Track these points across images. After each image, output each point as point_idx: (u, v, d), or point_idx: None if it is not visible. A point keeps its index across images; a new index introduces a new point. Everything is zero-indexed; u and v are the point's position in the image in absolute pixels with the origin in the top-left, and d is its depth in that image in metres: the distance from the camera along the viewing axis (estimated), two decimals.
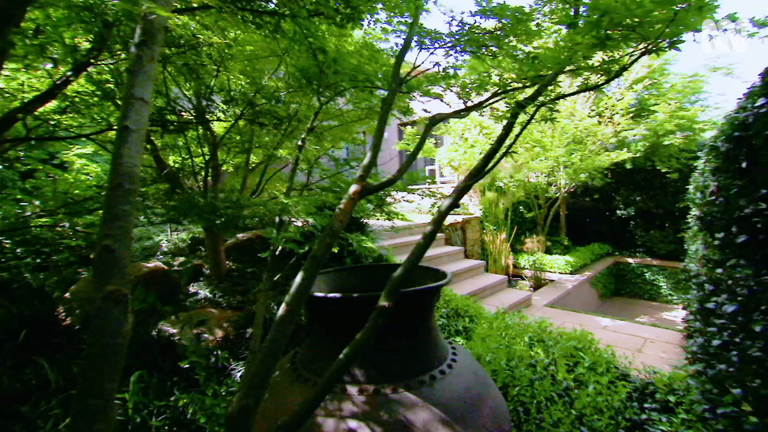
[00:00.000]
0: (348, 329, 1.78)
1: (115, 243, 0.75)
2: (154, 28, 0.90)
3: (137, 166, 0.79)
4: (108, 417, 0.69)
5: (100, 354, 0.71)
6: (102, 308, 0.71)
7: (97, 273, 0.75)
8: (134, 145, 0.80)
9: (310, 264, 1.20)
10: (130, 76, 0.85)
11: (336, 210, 1.30)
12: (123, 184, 0.78)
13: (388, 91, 1.66)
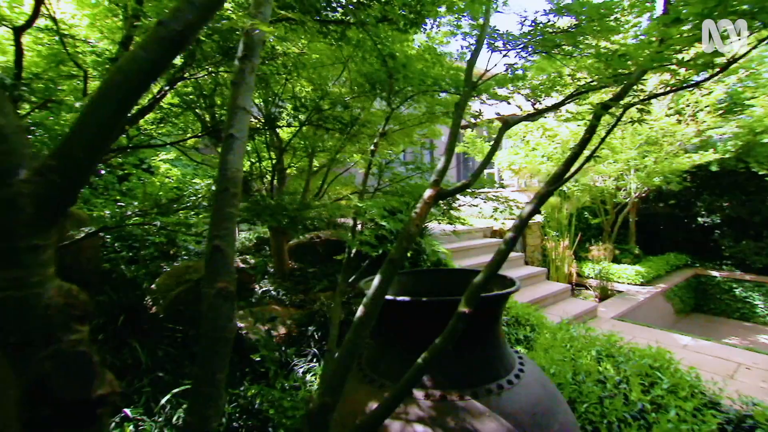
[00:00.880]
0: (415, 333, 1.79)
1: (223, 243, 0.82)
2: (254, 43, 0.97)
3: (240, 171, 0.86)
4: (218, 403, 0.76)
5: (212, 346, 0.78)
6: (213, 304, 0.78)
7: (207, 270, 0.83)
8: (238, 152, 0.88)
9: (387, 267, 1.23)
10: (234, 87, 0.93)
11: (412, 214, 1.32)
12: (229, 188, 0.85)
13: (461, 95, 1.64)
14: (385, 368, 1.84)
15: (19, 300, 0.55)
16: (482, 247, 6.51)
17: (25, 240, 0.55)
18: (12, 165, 0.53)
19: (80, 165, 0.60)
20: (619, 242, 8.43)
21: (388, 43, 2.14)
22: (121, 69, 0.61)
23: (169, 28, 0.63)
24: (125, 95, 0.61)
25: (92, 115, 0.59)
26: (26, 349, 0.55)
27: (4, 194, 0.52)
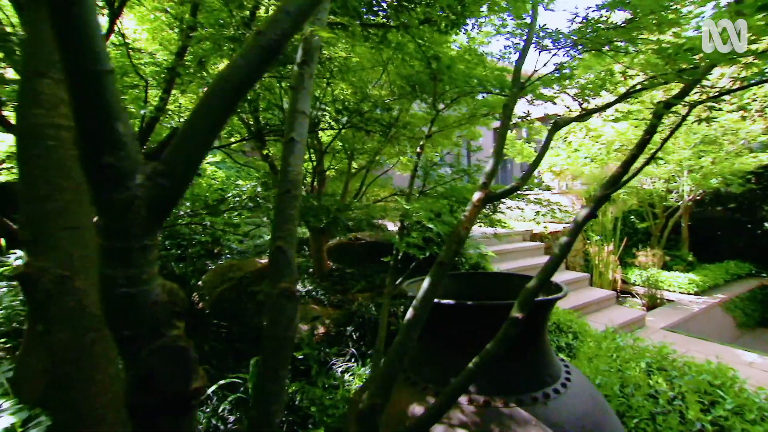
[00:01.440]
0: (461, 336, 1.77)
1: (286, 244, 0.85)
2: (313, 48, 1.01)
3: (301, 174, 0.90)
4: (281, 399, 0.79)
5: (275, 345, 0.81)
6: (277, 304, 0.81)
7: (271, 271, 0.86)
8: (299, 155, 0.91)
9: (436, 270, 1.22)
10: (294, 92, 0.97)
11: (461, 217, 1.31)
12: (291, 190, 0.89)
13: (509, 96, 1.61)
14: (429, 371, 1.83)
15: (132, 297, 0.60)
16: (521, 250, 6.33)
17: (138, 240, 0.60)
18: (130, 169, 0.58)
19: (186, 169, 0.64)
20: (669, 248, 7.92)
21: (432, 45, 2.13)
22: (223, 77, 0.65)
23: (267, 38, 0.66)
24: (227, 102, 0.65)
25: (197, 122, 0.63)
26: (135, 342, 0.60)
27: (123, 197, 0.57)
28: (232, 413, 2.64)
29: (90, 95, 0.54)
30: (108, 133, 0.56)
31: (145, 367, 0.58)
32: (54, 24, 0.51)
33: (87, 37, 0.53)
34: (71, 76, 0.53)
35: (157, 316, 0.60)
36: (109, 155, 0.56)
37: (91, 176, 0.57)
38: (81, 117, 0.55)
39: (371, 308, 3.38)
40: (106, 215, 0.58)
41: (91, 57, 0.53)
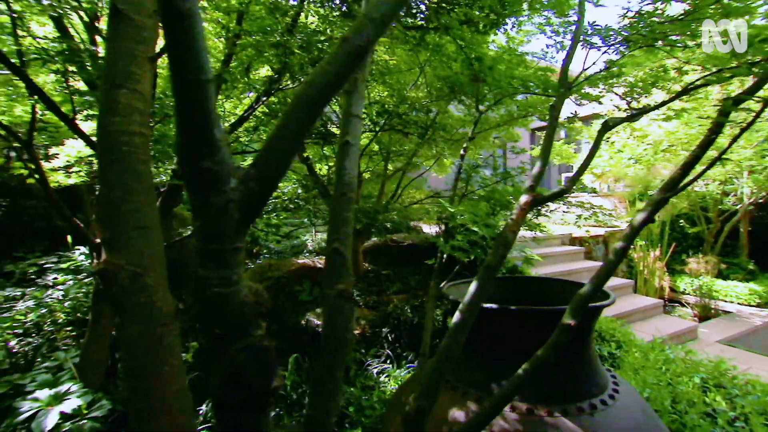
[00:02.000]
0: (504, 341, 1.74)
1: (342, 246, 0.87)
2: None
3: (356, 177, 0.91)
4: (337, 399, 0.80)
5: (333, 345, 0.83)
6: (334, 305, 0.83)
7: (327, 272, 0.89)
8: (353, 158, 0.93)
9: (483, 273, 1.21)
10: (348, 96, 0.99)
11: (508, 220, 1.28)
12: (346, 193, 0.91)
13: (556, 97, 1.56)
14: (469, 376, 1.81)
15: (224, 296, 0.63)
16: (560, 254, 6.12)
17: (231, 242, 0.64)
18: (225, 174, 0.62)
19: (275, 173, 0.67)
20: (725, 255, 7.38)
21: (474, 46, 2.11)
22: (310, 83, 0.68)
23: (353, 44, 0.69)
24: (314, 106, 0.68)
25: (286, 127, 0.67)
26: (225, 340, 0.63)
27: (219, 201, 0.61)
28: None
29: (194, 102, 0.58)
30: (207, 139, 0.59)
31: (234, 365, 0.61)
32: (167, 37, 0.55)
33: (195, 48, 0.57)
34: (179, 85, 0.57)
35: (245, 315, 0.63)
36: (207, 160, 0.59)
37: (190, 180, 0.61)
38: (185, 123, 0.59)
39: (407, 310, 3.38)
40: (203, 218, 0.62)
41: (197, 67, 0.57)
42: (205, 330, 0.64)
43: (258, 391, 0.63)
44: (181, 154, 0.61)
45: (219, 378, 0.62)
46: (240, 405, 0.64)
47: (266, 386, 0.64)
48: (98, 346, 2.64)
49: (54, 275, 3.86)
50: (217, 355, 0.63)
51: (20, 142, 2.16)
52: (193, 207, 0.62)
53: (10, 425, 1.98)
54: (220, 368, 0.62)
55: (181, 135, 0.60)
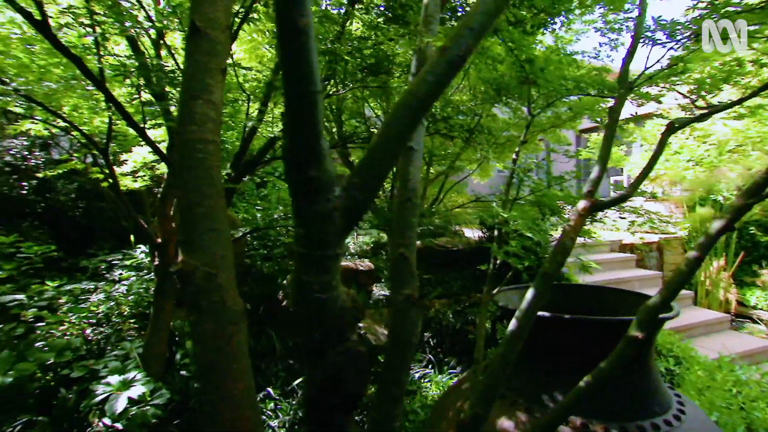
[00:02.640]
0: (556, 351, 1.68)
1: (407, 251, 0.89)
2: (426, 58, 1.04)
3: (419, 182, 0.92)
4: (402, 403, 0.81)
5: (398, 350, 0.84)
6: (400, 310, 0.84)
7: (393, 277, 0.90)
8: (417, 164, 0.94)
9: (541, 281, 1.17)
10: None
11: (566, 227, 1.24)
12: (411, 198, 0.92)
13: (614, 98, 1.49)
14: (519, 384, 1.76)
15: (324, 302, 0.67)
16: (609, 261, 5.80)
17: (333, 249, 0.67)
18: (330, 182, 0.65)
19: (376, 181, 0.70)
20: None
21: (524, 48, 2.05)
22: (411, 92, 0.70)
23: (452, 53, 0.71)
24: (414, 115, 0.70)
25: (386, 136, 0.69)
26: (323, 344, 0.66)
27: (324, 208, 0.64)
28: None
29: (305, 114, 0.61)
30: (315, 149, 0.63)
31: (332, 369, 0.64)
32: (282, 50, 0.59)
33: (309, 61, 0.60)
34: (293, 97, 0.61)
35: (344, 320, 0.66)
36: (314, 169, 0.63)
37: (296, 188, 0.64)
38: (295, 133, 0.63)
39: (448, 315, 3.34)
40: (307, 225, 0.65)
41: (310, 79, 0.60)
42: (305, 333, 0.66)
43: (353, 393, 0.65)
44: (288, 162, 0.64)
45: (318, 379, 0.65)
46: (335, 408, 0.66)
47: (361, 390, 0.65)
48: (158, 338, 2.83)
49: (119, 271, 4.19)
50: (316, 358, 0.66)
51: (98, 150, 2.36)
52: (297, 214, 0.65)
53: (88, 405, 2.19)
54: (319, 370, 0.65)
55: (291, 144, 0.63)
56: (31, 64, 2.12)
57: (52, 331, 2.78)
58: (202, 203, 0.91)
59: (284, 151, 0.64)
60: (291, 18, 0.56)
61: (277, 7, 0.58)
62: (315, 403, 0.65)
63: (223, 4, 1.01)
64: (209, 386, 0.83)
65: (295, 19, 0.56)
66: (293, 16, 0.56)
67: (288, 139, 0.61)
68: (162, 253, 2.81)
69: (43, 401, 2.37)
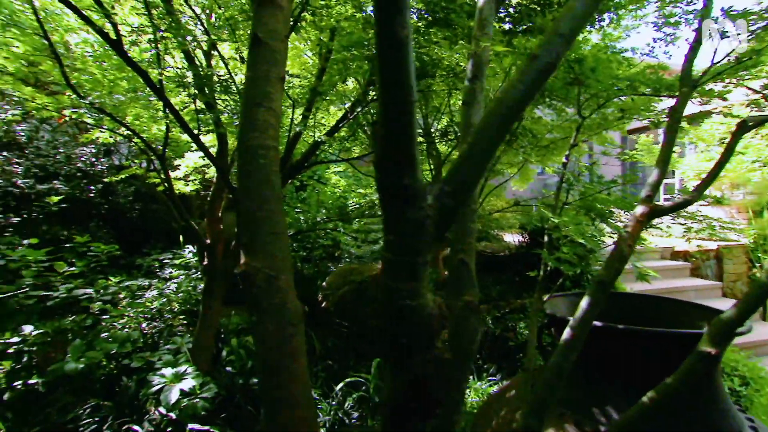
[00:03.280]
0: (606, 362, 1.60)
1: (467, 257, 0.88)
2: (482, 63, 1.03)
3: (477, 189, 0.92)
4: (461, 409, 0.81)
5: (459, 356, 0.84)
6: (461, 316, 0.84)
7: (452, 283, 0.90)
8: None
9: (596, 289, 1.13)
10: (466, 107, 1.00)
11: (623, 233, 1.19)
12: (470, 204, 0.91)
13: (677, 97, 1.41)
14: (566, 395, 1.69)
15: (413, 308, 0.68)
16: (660, 270, 5.45)
17: (423, 256, 0.68)
18: (422, 190, 0.67)
19: (467, 188, 0.71)
20: None
21: (577, 48, 1.98)
22: (500, 101, 0.71)
23: (542, 61, 0.71)
24: (504, 123, 0.71)
25: (477, 144, 0.70)
26: (410, 350, 0.68)
27: (416, 216, 0.66)
28: (355, 409, 2.80)
29: (402, 122, 0.63)
30: (409, 157, 0.64)
31: (418, 374, 0.65)
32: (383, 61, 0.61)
33: (408, 72, 0.61)
34: (389, 106, 0.62)
35: (431, 327, 0.67)
36: (408, 177, 0.64)
37: (389, 196, 0.66)
38: (390, 141, 0.64)
39: (488, 321, 3.26)
40: (399, 232, 0.67)
41: (408, 89, 0.62)
42: (391, 339, 0.68)
43: (437, 399, 0.66)
44: (381, 170, 0.66)
45: (403, 384, 0.66)
46: (413, 410, 0.67)
47: (444, 396, 0.66)
48: (206, 335, 2.97)
49: (170, 270, 4.44)
50: (402, 363, 0.67)
51: (156, 156, 2.52)
52: (388, 221, 0.67)
53: (145, 394, 2.34)
54: (405, 375, 0.66)
55: (385, 153, 0.65)
56: (103, 79, 2.30)
57: (114, 324, 2.99)
58: (263, 207, 0.95)
59: (377, 159, 0.65)
60: (393, 30, 0.57)
61: (378, 20, 0.59)
62: (396, 407, 0.66)
63: (282, 16, 1.06)
64: (269, 384, 0.87)
65: (396, 31, 0.57)
66: (395, 28, 0.57)
67: (382, 148, 0.63)
68: (211, 253, 2.95)
69: (108, 388, 2.56)
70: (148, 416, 2.39)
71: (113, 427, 2.32)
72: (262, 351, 0.89)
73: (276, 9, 1.03)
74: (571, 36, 0.67)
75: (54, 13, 2.33)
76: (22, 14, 2.04)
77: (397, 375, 0.66)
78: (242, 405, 2.73)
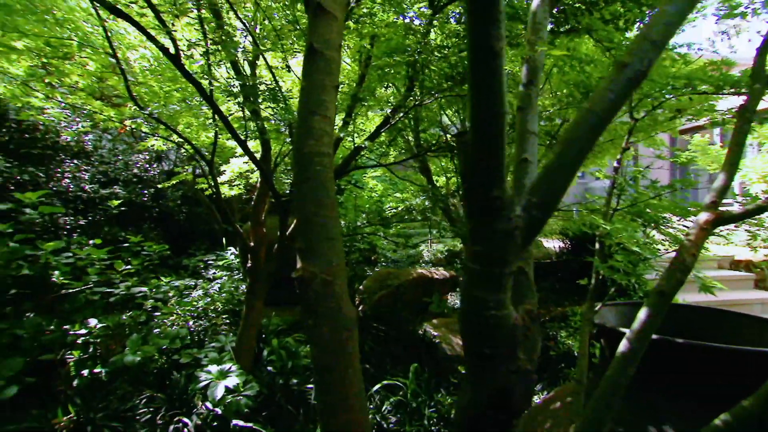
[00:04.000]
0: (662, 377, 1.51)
1: (527, 265, 0.87)
2: (537, 68, 1.01)
3: None
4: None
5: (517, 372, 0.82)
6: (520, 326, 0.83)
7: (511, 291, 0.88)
8: (532, 176, 0.92)
9: (656, 300, 1.07)
10: (521, 113, 0.99)
11: (685, 242, 1.12)
12: None
13: (748, 97, 1.32)
14: (620, 415, 1.61)
15: (498, 319, 0.69)
16: (719, 280, 5.07)
17: (510, 267, 0.69)
18: (510, 202, 0.68)
19: (554, 199, 0.71)
20: None
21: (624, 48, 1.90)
22: (589, 110, 0.71)
23: (634, 69, 0.70)
24: (594, 132, 0.70)
25: (565, 154, 0.70)
26: (493, 360, 0.68)
27: (505, 227, 0.67)
28: (392, 414, 2.79)
29: (493, 134, 0.64)
30: (499, 169, 0.65)
31: (502, 384, 0.65)
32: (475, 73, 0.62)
33: (500, 84, 0.62)
34: (481, 117, 0.63)
35: (516, 338, 0.67)
36: (497, 188, 0.65)
37: (476, 207, 0.67)
38: (481, 153, 0.65)
39: None
40: (486, 243, 0.67)
41: (500, 100, 0.63)
42: (474, 349, 0.68)
43: (518, 410, 0.65)
44: (470, 181, 0.67)
45: (484, 394, 0.66)
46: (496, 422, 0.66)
47: (526, 407, 0.65)
48: (249, 334, 3.07)
49: (213, 270, 4.64)
50: (485, 374, 0.67)
51: (205, 161, 2.66)
52: (474, 232, 0.67)
53: (193, 389, 2.47)
54: (487, 386, 0.66)
55: (474, 164, 0.65)
56: (159, 90, 2.46)
57: (164, 321, 3.16)
58: (319, 213, 0.98)
59: (465, 170, 0.66)
60: (488, 43, 0.57)
61: (473, 32, 0.60)
62: (475, 418, 0.65)
63: (337, 26, 1.09)
64: (325, 388, 0.88)
65: (492, 44, 0.57)
66: (491, 41, 0.58)
67: (472, 159, 0.63)
68: (254, 256, 3.06)
69: (160, 381, 2.71)
70: (196, 410, 2.51)
71: (165, 418, 2.46)
72: (318, 354, 0.91)
73: (331, 19, 1.06)
74: (663, 42, 0.65)
75: (118, 33, 2.53)
76: (92, 35, 2.23)
77: (477, 385, 0.65)
78: (283, 405, 2.79)
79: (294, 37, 2.67)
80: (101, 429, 2.22)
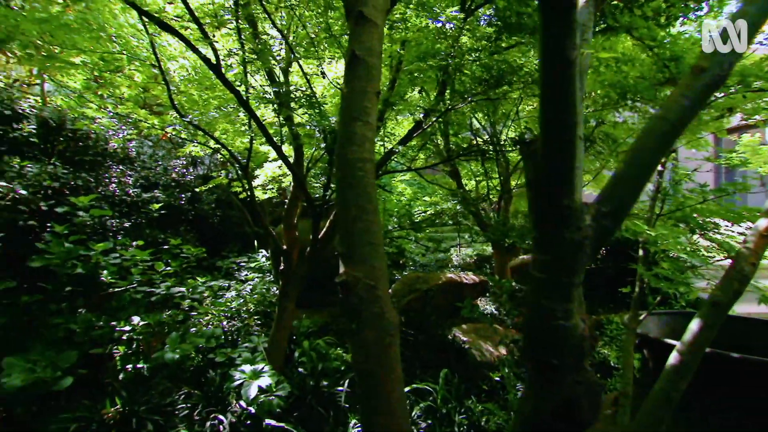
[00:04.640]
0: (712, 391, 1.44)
1: None
2: (583, 71, 0.99)
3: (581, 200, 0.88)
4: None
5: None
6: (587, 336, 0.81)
7: None
8: (580, 183, 0.90)
9: (710, 311, 1.02)
10: None
11: (742, 249, 1.06)
12: None
13: None
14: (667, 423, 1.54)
15: (565, 329, 0.69)
16: None
17: (578, 277, 0.69)
18: (580, 211, 0.68)
19: (625, 208, 0.71)
20: None
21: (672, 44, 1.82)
22: (661, 117, 0.70)
23: (711, 74, 0.69)
24: (665, 140, 0.70)
25: (634, 164, 0.70)
26: (559, 370, 0.68)
27: (575, 237, 0.67)
28: (422, 419, 2.77)
29: (565, 143, 0.65)
30: (570, 177, 0.65)
31: (568, 395, 0.65)
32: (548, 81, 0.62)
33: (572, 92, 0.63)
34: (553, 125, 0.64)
35: (583, 348, 0.67)
36: (568, 198, 0.65)
37: (547, 216, 0.67)
38: (554, 162, 0.66)
39: None
40: (555, 252, 0.67)
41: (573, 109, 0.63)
42: (540, 358, 0.68)
43: (584, 422, 0.64)
44: (539, 189, 0.67)
45: (550, 405, 0.65)
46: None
47: (592, 420, 0.64)
48: (281, 336, 3.13)
49: (245, 272, 4.77)
50: (551, 384, 0.66)
51: (240, 166, 2.75)
52: (542, 241, 0.67)
53: (228, 387, 2.54)
54: (554, 396, 0.65)
55: (546, 172, 0.66)
56: (199, 99, 2.58)
57: (200, 320, 3.28)
58: (362, 218, 0.99)
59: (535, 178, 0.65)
60: (564, 52, 0.58)
61: (547, 41, 0.60)
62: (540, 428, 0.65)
63: (377, 33, 1.10)
64: (368, 391, 0.89)
65: (567, 53, 0.58)
66: (566, 50, 0.58)
67: (543, 167, 0.63)
68: (287, 258, 3.12)
69: (196, 378, 2.81)
70: (230, 408, 2.58)
71: (202, 414, 2.54)
72: (361, 358, 0.92)
73: (372, 26, 1.08)
74: None
75: (160, 45, 2.66)
76: (138, 49, 2.37)
77: (543, 395, 0.64)
78: (313, 406, 2.83)
79: (326, 43, 2.73)
80: (145, 422, 2.33)
